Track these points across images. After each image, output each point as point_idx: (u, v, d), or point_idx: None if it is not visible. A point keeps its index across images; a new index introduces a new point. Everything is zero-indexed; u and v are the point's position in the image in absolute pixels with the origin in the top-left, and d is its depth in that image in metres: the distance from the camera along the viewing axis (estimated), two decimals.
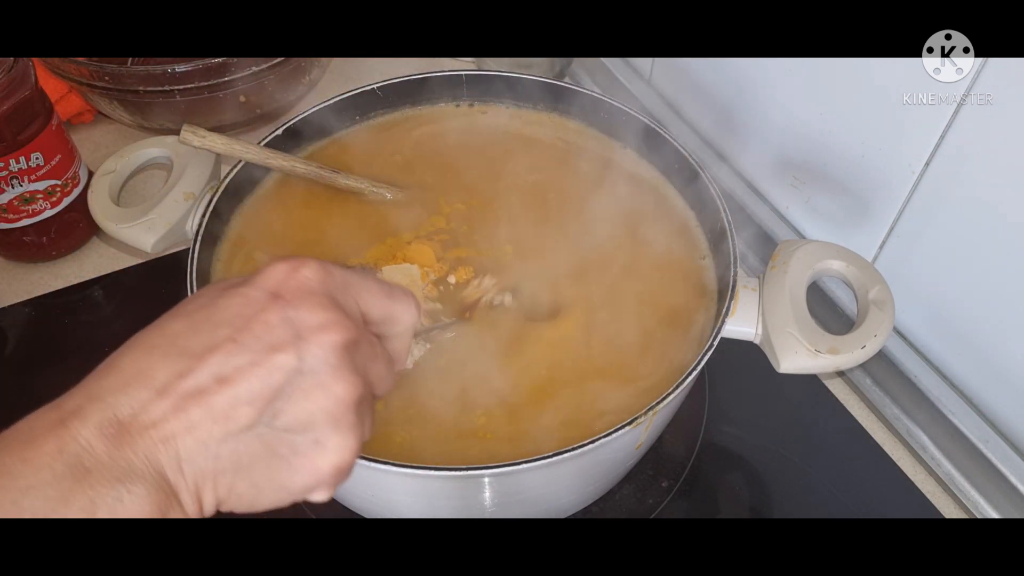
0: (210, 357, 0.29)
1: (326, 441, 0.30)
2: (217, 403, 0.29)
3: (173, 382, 0.29)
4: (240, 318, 0.30)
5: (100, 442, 0.27)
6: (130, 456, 0.27)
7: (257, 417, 0.29)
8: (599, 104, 0.64)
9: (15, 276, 0.73)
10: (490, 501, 0.48)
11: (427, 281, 0.55)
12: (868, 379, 0.65)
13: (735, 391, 0.66)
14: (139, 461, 0.28)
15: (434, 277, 0.56)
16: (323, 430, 0.30)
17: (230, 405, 0.29)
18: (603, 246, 0.58)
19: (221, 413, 0.29)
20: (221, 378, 0.29)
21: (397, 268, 0.56)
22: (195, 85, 0.74)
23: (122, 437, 0.28)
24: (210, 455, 0.29)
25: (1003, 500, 0.57)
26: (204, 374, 0.29)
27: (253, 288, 0.31)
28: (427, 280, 0.55)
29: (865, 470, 0.62)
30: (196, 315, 0.30)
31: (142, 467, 0.28)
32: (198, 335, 0.30)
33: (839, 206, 0.65)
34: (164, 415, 0.28)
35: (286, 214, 0.60)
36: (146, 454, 0.28)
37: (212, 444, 0.29)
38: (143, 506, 0.27)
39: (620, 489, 0.59)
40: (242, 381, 0.29)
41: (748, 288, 0.53)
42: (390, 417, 0.50)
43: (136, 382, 0.29)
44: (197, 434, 0.28)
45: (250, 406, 0.29)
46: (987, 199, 0.53)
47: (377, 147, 0.65)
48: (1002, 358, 0.57)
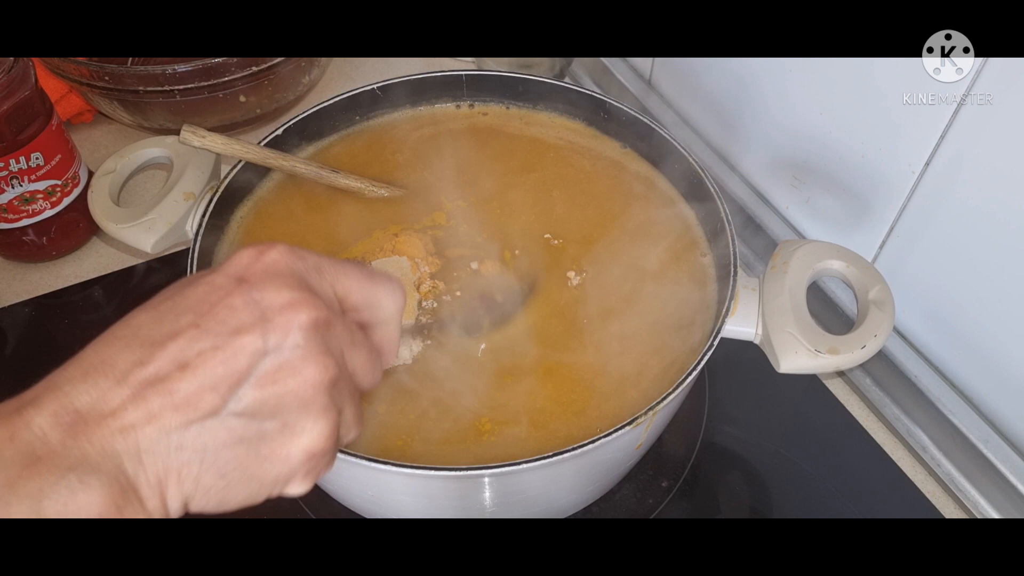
0: (171, 344, 0.28)
1: (295, 425, 0.29)
2: (178, 390, 0.27)
3: (132, 370, 0.28)
4: (204, 304, 0.29)
5: (55, 431, 0.26)
6: (85, 446, 0.26)
7: (221, 403, 0.28)
8: (599, 104, 0.64)
9: (15, 276, 0.73)
10: (490, 501, 0.48)
11: (417, 273, 0.55)
12: (868, 379, 0.65)
13: (735, 391, 0.66)
14: (95, 452, 0.26)
15: (427, 269, 0.55)
16: (292, 414, 0.29)
17: (192, 392, 0.27)
18: (603, 245, 0.58)
19: (183, 400, 0.27)
20: (182, 364, 0.28)
21: (387, 261, 0.55)
22: (195, 85, 0.74)
23: (78, 427, 0.27)
24: (172, 445, 0.27)
25: (1003, 500, 0.57)
26: (164, 361, 0.28)
27: (218, 275, 0.30)
28: (417, 272, 0.55)
29: (865, 470, 0.62)
30: (161, 306, 0.30)
31: (98, 458, 0.26)
32: (161, 324, 0.29)
33: (839, 206, 0.65)
34: (122, 404, 0.27)
35: (286, 214, 0.60)
36: (103, 445, 0.26)
37: (174, 433, 0.27)
38: (96, 498, 0.26)
39: (620, 489, 0.59)
40: (204, 366, 0.28)
41: (748, 288, 0.53)
42: (391, 417, 0.50)
43: (95, 372, 0.28)
44: (158, 423, 0.27)
45: (213, 392, 0.28)
46: (987, 199, 0.53)
47: (377, 147, 0.65)
48: (1002, 358, 0.57)
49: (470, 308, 0.55)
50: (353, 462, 0.43)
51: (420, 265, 0.55)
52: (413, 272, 0.55)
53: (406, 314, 0.53)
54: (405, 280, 0.54)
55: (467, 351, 0.53)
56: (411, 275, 0.55)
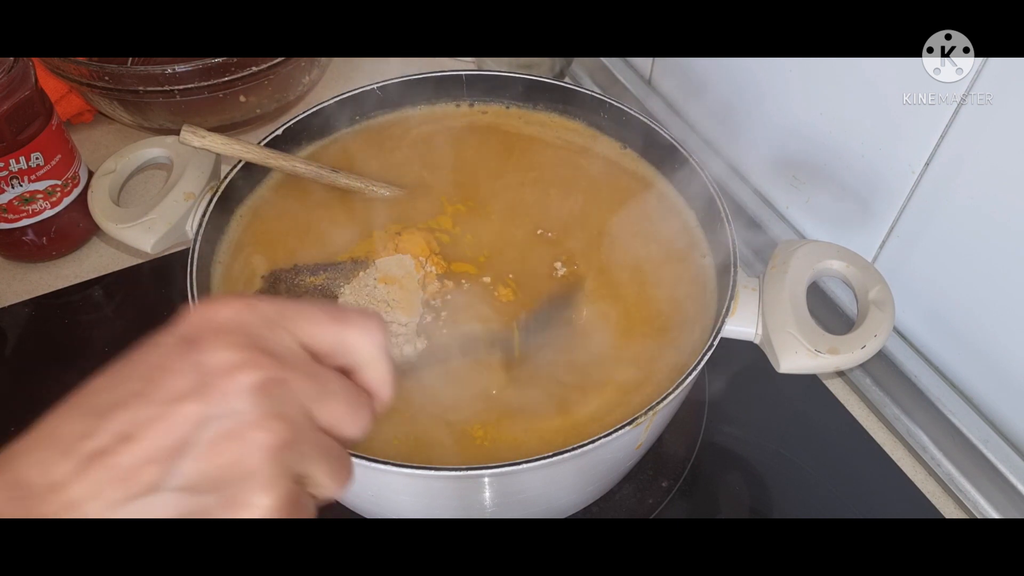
0: (116, 414, 0.27)
1: (240, 499, 0.27)
2: (120, 463, 0.26)
3: (77, 442, 0.26)
4: (151, 369, 0.28)
5: (8, 505, 0.25)
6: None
7: (162, 476, 0.26)
8: (599, 104, 0.64)
9: (15, 276, 0.73)
10: (490, 501, 0.48)
11: (422, 271, 0.55)
12: (868, 379, 0.65)
13: (735, 391, 0.66)
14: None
15: (432, 269, 0.56)
16: (236, 486, 0.27)
17: (133, 465, 0.26)
18: (603, 245, 0.58)
19: (124, 474, 0.26)
20: (124, 436, 0.26)
21: (391, 259, 0.55)
22: (195, 85, 0.74)
23: (28, 501, 0.25)
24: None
25: (1003, 500, 0.57)
26: (108, 433, 0.26)
27: (168, 335, 0.29)
28: (422, 271, 0.55)
29: (865, 470, 0.62)
30: (115, 372, 0.28)
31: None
32: (110, 391, 0.28)
33: (839, 206, 0.65)
34: (67, 477, 0.26)
35: (286, 214, 0.60)
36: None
37: (118, 508, 0.26)
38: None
39: (620, 489, 0.59)
40: (144, 438, 0.26)
41: (748, 288, 0.53)
42: (391, 420, 0.50)
43: (44, 442, 0.27)
44: (101, 498, 0.26)
45: (154, 464, 0.26)
46: (988, 199, 0.53)
47: (377, 147, 0.65)
48: (1003, 358, 0.57)
49: (473, 314, 0.55)
50: (354, 462, 0.43)
51: (425, 264, 0.56)
52: (418, 270, 0.55)
53: (410, 312, 0.53)
54: (409, 278, 0.54)
55: (467, 351, 0.53)
56: (415, 273, 0.55)
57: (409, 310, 0.53)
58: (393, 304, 0.53)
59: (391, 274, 0.54)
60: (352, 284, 0.54)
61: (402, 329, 0.52)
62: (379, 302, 0.53)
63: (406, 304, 0.53)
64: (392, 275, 0.54)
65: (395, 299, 0.53)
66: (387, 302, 0.53)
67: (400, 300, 0.53)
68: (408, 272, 0.55)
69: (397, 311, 0.53)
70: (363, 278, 0.55)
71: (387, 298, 0.53)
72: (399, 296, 0.53)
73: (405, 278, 0.54)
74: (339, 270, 0.55)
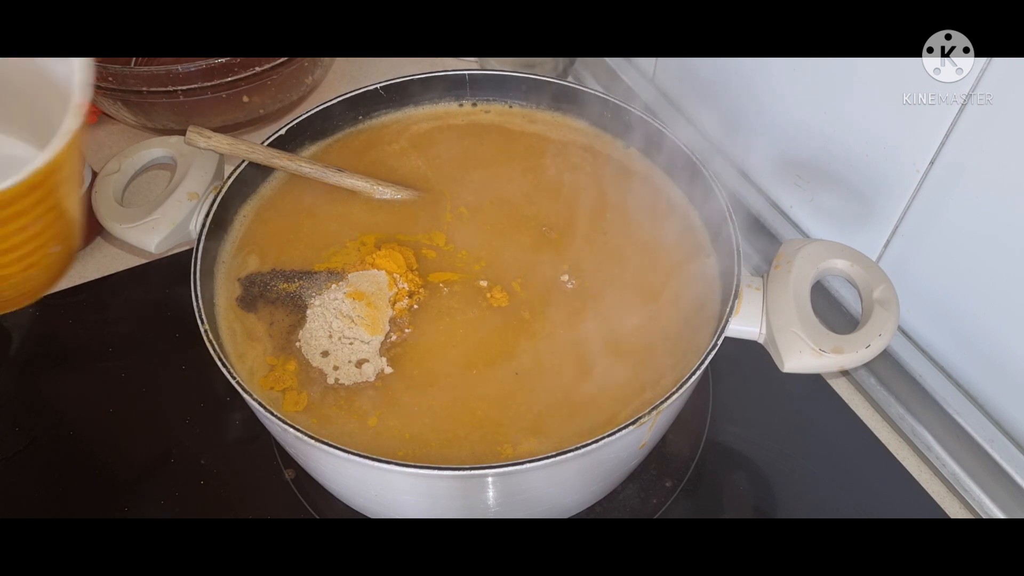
0: None
1: None
2: None
3: None
4: None
5: None
6: None
7: None
8: (603, 104, 0.64)
9: None
10: (493, 501, 0.48)
11: (395, 289, 0.55)
12: (872, 378, 0.65)
13: (739, 390, 0.65)
14: None
15: (405, 286, 0.55)
16: None
17: None
18: (606, 245, 0.58)
19: None
20: None
21: (364, 274, 0.55)
22: (198, 85, 0.74)
23: None
24: None
25: (1009, 500, 0.57)
26: None
27: None
28: (395, 288, 0.55)
29: (870, 470, 0.62)
30: None
31: None
32: None
33: (843, 205, 0.65)
34: None
35: (290, 214, 0.60)
36: None
37: None
38: None
39: (624, 489, 0.59)
40: None
41: (752, 287, 0.53)
42: (392, 417, 0.50)
43: None
44: None
45: None
46: (992, 198, 0.53)
47: (380, 146, 0.65)
48: (1007, 357, 0.56)
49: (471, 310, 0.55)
50: (356, 462, 0.43)
51: (399, 281, 0.55)
52: (390, 287, 0.55)
53: (375, 329, 0.52)
54: (379, 295, 0.54)
55: (467, 353, 0.53)
56: (387, 290, 0.54)
57: (374, 328, 0.53)
58: (358, 320, 0.53)
59: (361, 289, 0.54)
60: (323, 295, 0.54)
61: (364, 347, 0.52)
62: (344, 317, 0.53)
63: (371, 321, 0.53)
64: (362, 290, 0.54)
65: (360, 315, 0.53)
66: (351, 317, 0.53)
67: (365, 317, 0.53)
68: (379, 288, 0.54)
69: (360, 327, 0.53)
70: (334, 291, 0.54)
71: (352, 313, 0.53)
72: (365, 313, 0.53)
73: (375, 295, 0.54)
74: (313, 280, 0.55)
